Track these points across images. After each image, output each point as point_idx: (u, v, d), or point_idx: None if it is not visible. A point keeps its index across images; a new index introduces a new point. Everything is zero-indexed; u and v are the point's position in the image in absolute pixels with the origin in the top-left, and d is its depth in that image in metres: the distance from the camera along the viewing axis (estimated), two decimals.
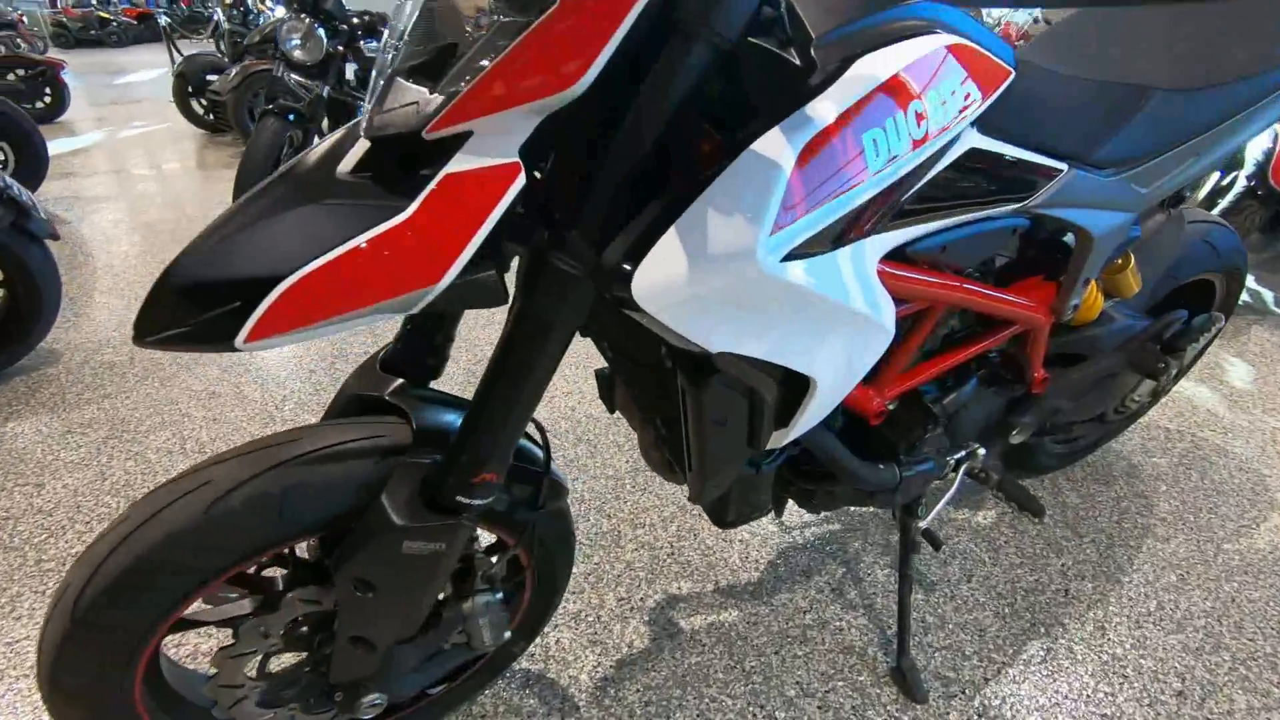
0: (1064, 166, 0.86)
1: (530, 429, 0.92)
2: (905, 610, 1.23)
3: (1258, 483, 1.73)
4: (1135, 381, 1.36)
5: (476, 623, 0.93)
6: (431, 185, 0.54)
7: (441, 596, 0.92)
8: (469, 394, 1.92)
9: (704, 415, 0.71)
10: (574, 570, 1.44)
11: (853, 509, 1.61)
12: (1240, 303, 2.64)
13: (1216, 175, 2.58)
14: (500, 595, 0.93)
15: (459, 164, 0.54)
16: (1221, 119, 0.95)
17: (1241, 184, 2.46)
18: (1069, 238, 1.02)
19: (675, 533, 1.54)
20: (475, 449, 0.69)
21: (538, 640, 1.29)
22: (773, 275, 0.58)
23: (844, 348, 0.68)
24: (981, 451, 1.16)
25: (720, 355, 0.63)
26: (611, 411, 1.12)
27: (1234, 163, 2.56)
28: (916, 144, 0.63)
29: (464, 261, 0.55)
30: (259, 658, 0.85)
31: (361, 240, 0.53)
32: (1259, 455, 1.82)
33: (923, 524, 1.15)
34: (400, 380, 0.87)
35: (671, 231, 0.55)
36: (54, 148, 4.97)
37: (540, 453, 0.90)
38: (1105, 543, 1.53)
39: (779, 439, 0.77)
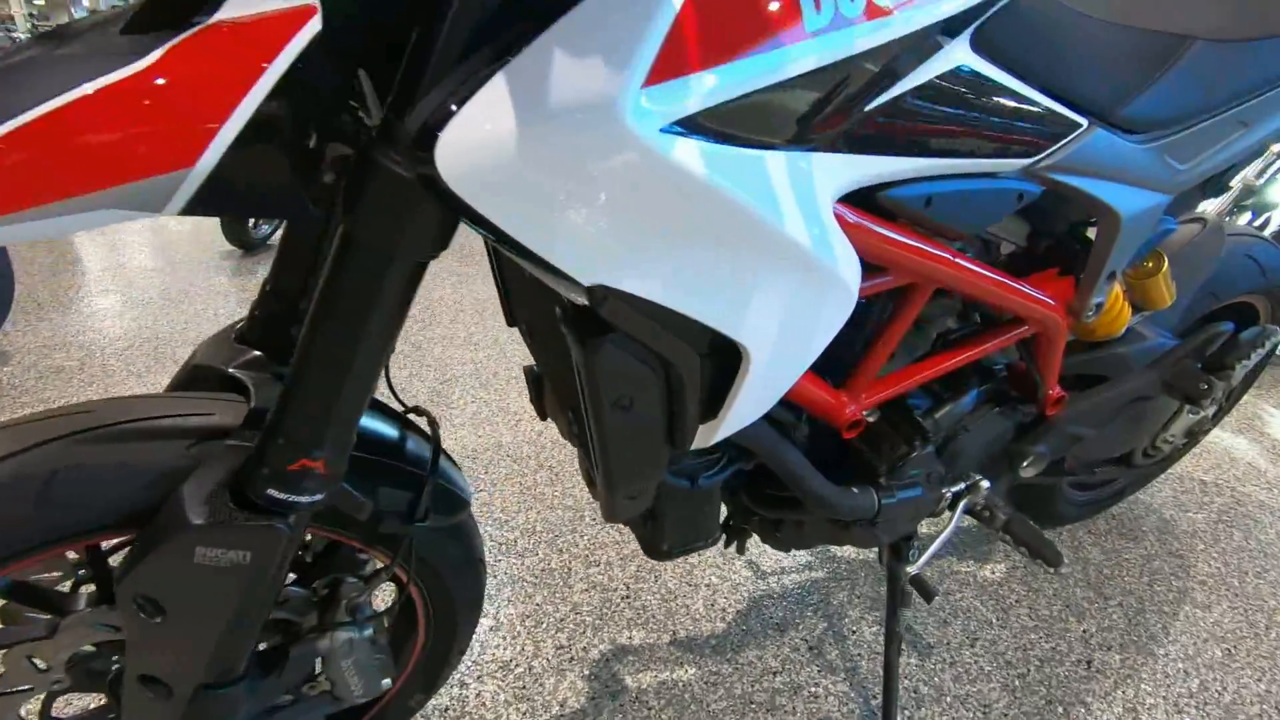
0: (1083, 121, 0.69)
1: (423, 423, 0.75)
2: (892, 676, 1.02)
3: None
4: (1170, 413, 1.17)
5: (339, 666, 0.74)
6: (189, 32, 0.39)
7: (297, 629, 0.74)
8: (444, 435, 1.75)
9: (600, 394, 0.53)
10: (511, 612, 1.24)
11: (838, 553, 1.40)
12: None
13: (1248, 217, 2.41)
14: (368, 632, 0.74)
15: (235, 8, 0.39)
16: (1278, 78, 0.79)
17: (1277, 222, 2.28)
18: (1091, 231, 0.85)
19: (634, 573, 1.34)
20: (290, 427, 0.52)
21: (453, 692, 1.09)
22: (648, 145, 0.41)
23: (785, 303, 0.50)
24: (985, 484, 0.96)
25: (602, 297, 0.46)
26: (543, 418, 0.94)
27: (1264, 203, 2.39)
28: (875, 11, 0.47)
29: (228, 137, 0.39)
30: (40, 699, 0.67)
31: (75, 94, 0.37)
32: None
33: (912, 570, 0.95)
34: (256, 353, 0.71)
35: (499, 77, 0.38)
36: None
37: (426, 450, 0.72)
38: (1135, 607, 1.31)
39: (707, 435, 0.59)
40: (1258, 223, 2.40)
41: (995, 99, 0.61)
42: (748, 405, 0.57)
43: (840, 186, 0.52)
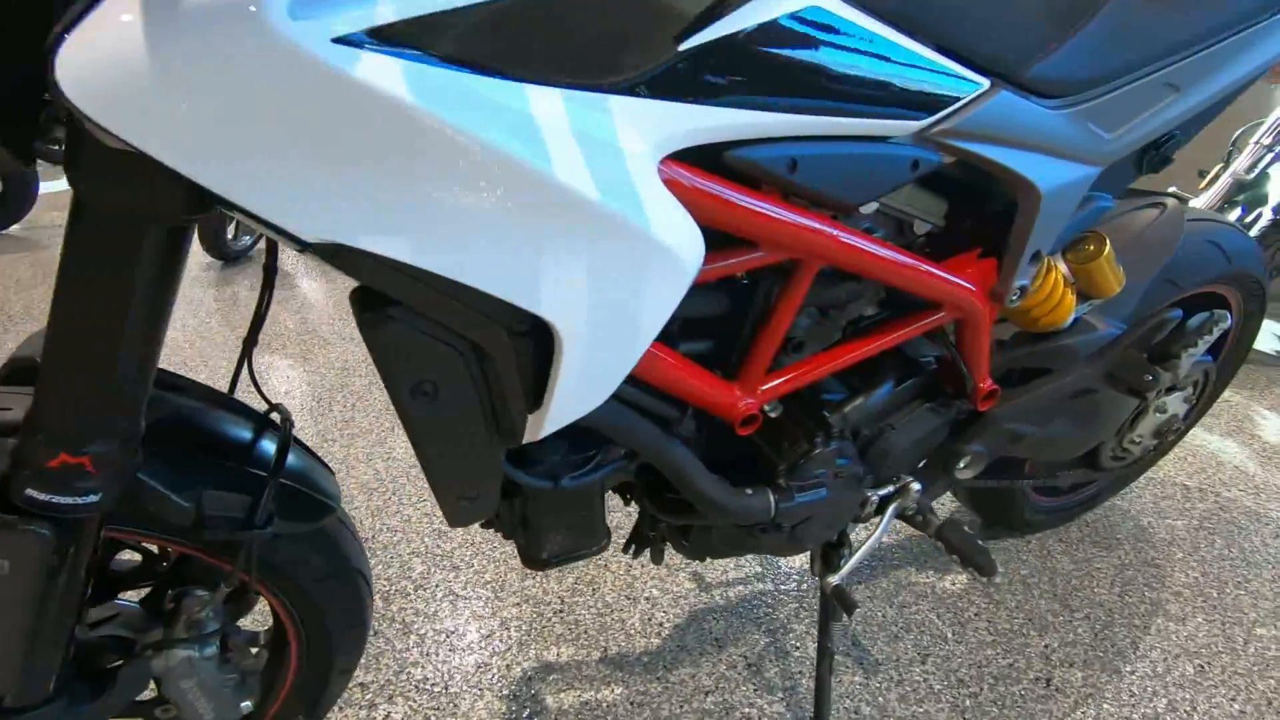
0: (983, 81, 0.63)
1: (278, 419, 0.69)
2: (824, 695, 0.94)
3: None
4: (1130, 411, 1.09)
5: (179, 687, 0.68)
6: None
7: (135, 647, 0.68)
8: (393, 445, 1.70)
9: (393, 379, 0.47)
10: (436, 627, 1.18)
11: (786, 563, 1.32)
12: (1275, 352, 2.34)
13: (1238, 213, 2.32)
14: (211, 650, 0.68)
15: None
16: (1211, 35, 0.72)
17: (1268, 217, 2.19)
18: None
19: (571, 585, 1.27)
20: (47, 419, 0.46)
21: (360, 714, 1.02)
22: (313, 59, 0.34)
23: (591, 274, 0.44)
24: (915, 487, 0.89)
25: (334, 254, 0.39)
26: None
27: (1258, 197, 2.30)
28: None
29: None
30: None
31: None
32: None
33: (834, 579, 0.88)
34: None
35: None
36: (50, 186, 5.02)
37: (270, 447, 0.66)
38: (1103, 620, 1.22)
39: (536, 427, 0.52)
40: (1249, 218, 2.31)
41: (862, 50, 0.54)
42: (575, 393, 0.50)
43: (662, 140, 0.46)
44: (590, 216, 0.42)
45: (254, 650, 0.78)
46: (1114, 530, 1.45)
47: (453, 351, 0.47)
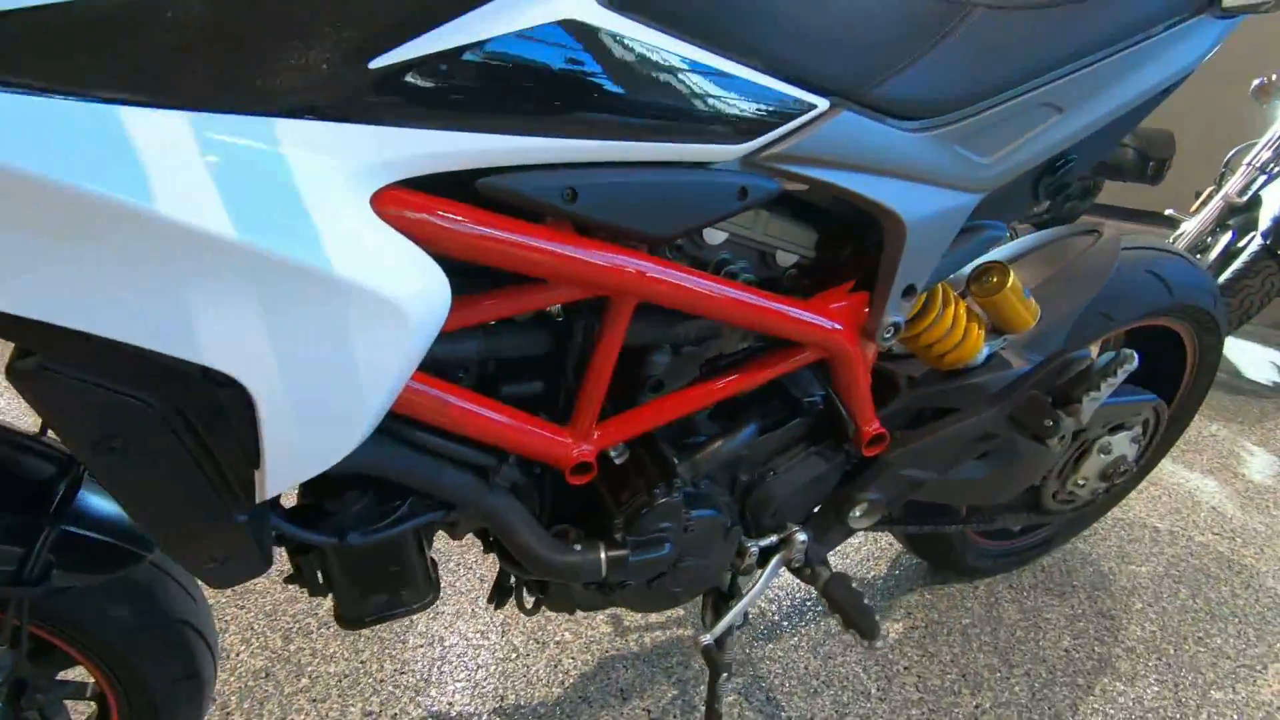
0: (820, 101, 0.57)
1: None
2: None
3: (1271, 606, 1.30)
4: (1064, 453, 1.01)
5: None
6: None
7: None
8: None
9: (71, 432, 0.42)
10: (330, 670, 1.12)
11: None
12: (1271, 383, 2.22)
13: (1229, 236, 2.22)
14: None
15: None
16: (1092, 52, 0.66)
17: (1257, 243, 2.08)
18: None
19: (480, 628, 1.21)
20: None
21: None
22: None
23: (267, 324, 0.38)
24: (801, 538, 0.82)
25: None
26: None
27: (1249, 221, 2.20)
28: None
29: None
30: None
31: None
32: (1276, 570, 1.40)
33: (705, 639, 0.80)
34: None
35: None
36: None
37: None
38: (1044, 678, 1.13)
39: (264, 485, 0.47)
40: (1240, 243, 2.20)
41: (651, 70, 0.49)
42: (296, 452, 0.45)
43: (370, 169, 0.41)
44: (244, 259, 0.36)
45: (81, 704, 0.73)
46: (1071, 576, 1.36)
47: (139, 404, 0.42)
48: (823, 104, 0.58)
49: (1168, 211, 2.63)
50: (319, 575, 0.63)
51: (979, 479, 0.94)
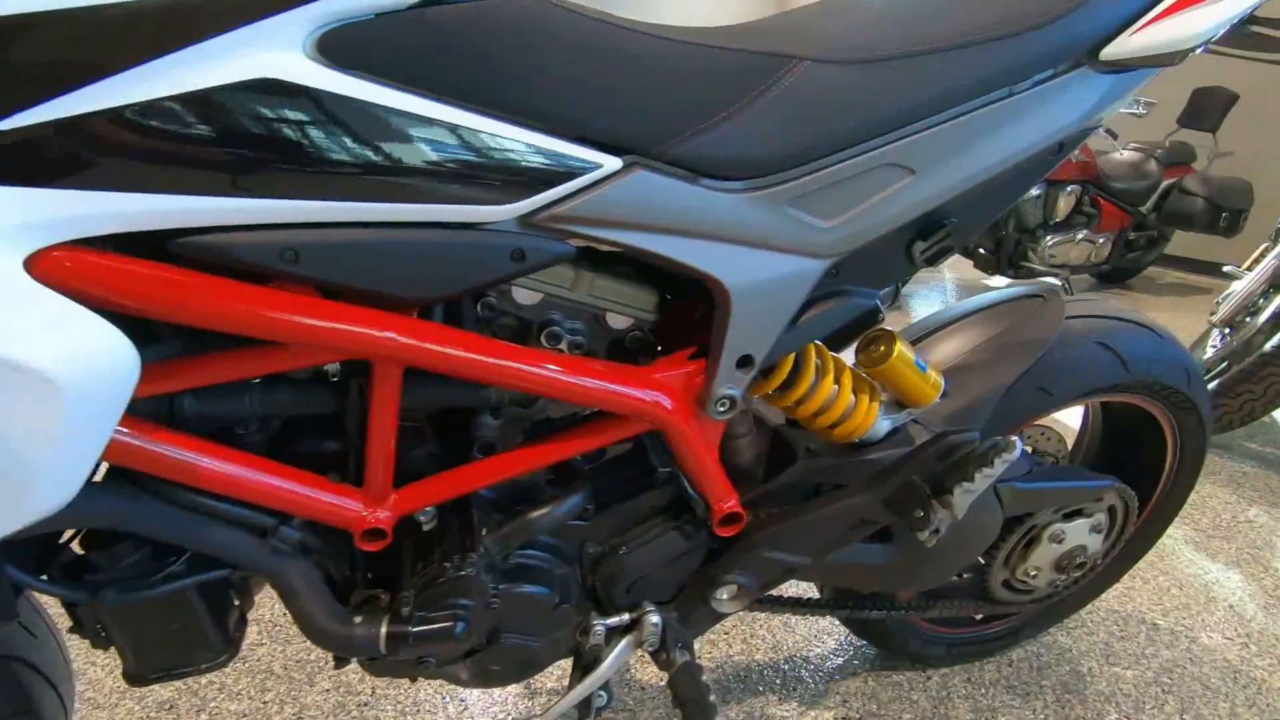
0: (608, 160, 0.53)
1: None
2: None
3: None
4: (979, 536, 0.90)
5: None
6: None
7: None
8: None
9: None
10: (231, 708, 1.11)
11: (629, 670, 1.18)
12: None
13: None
14: None
15: None
16: (942, 108, 0.59)
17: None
18: None
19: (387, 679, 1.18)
20: None
21: None
22: None
23: None
24: (654, 620, 0.76)
25: None
26: None
27: None
28: None
29: None
30: None
31: None
32: None
33: None
34: None
35: None
36: None
37: None
38: None
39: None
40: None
41: (367, 125, 0.46)
42: None
43: (19, 230, 0.39)
44: None
45: None
46: (1041, 674, 1.22)
47: None
48: (612, 163, 0.54)
49: (1226, 268, 2.42)
50: (99, 628, 0.62)
51: (885, 564, 0.85)
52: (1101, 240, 3.78)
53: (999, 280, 4.13)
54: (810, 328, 0.67)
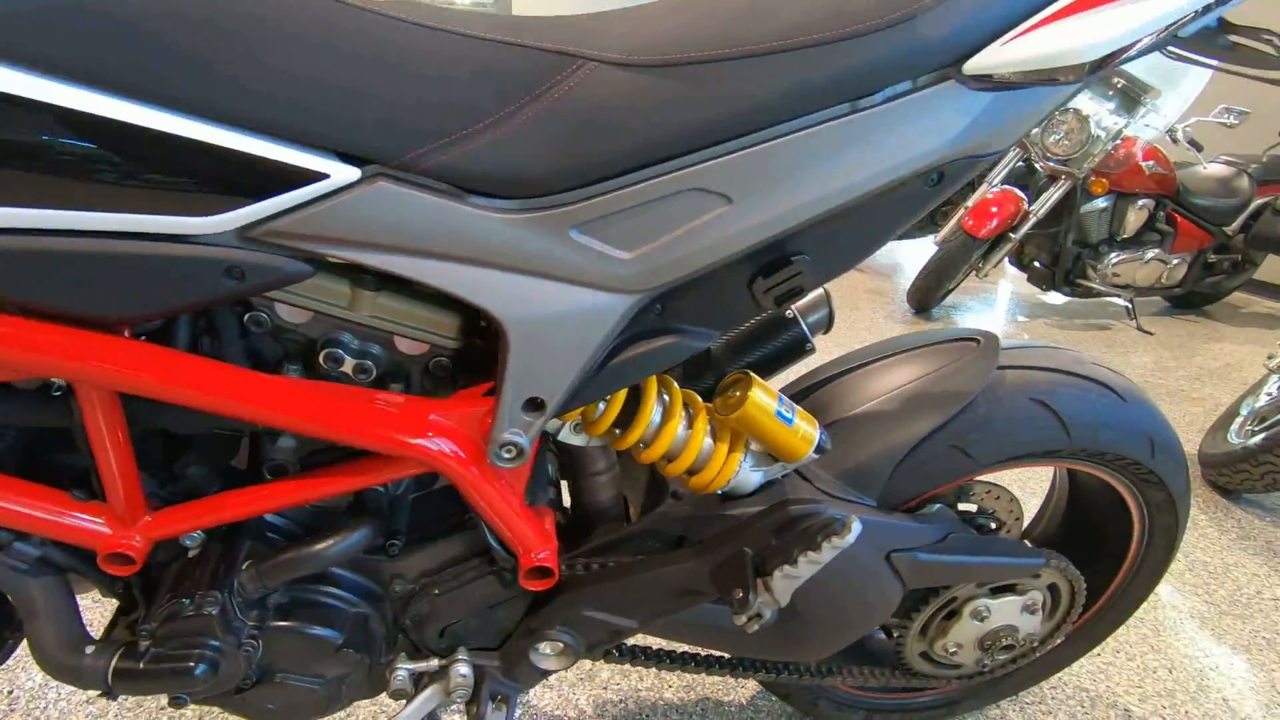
0: (342, 170, 0.46)
1: None
2: None
3: None
4: (869, 612, 0.79)
5: None
6: None
7: None
8: None
9: None
10: None
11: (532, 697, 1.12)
12: None
13: None
14: None
15: None
16: (762, 126, 0.49)
17: None
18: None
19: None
20: None
21: None
22: None
23: None
24: (462, 670, 0.69)
25: None
26: None
27: None
28: None
29: None
30: None
31: None
32: None
33: None
34: None
35: None
36: None
37: None
38: None
39: None
40: None
41: (26, 122, 0.40)
42: None
43: None
44: None
45: None
46: None
47: None
48: (346, 172, 0.47)
49: None
50: None
51: (738, 629, 0.75)
52: (1175, 261, 3.45)
53: (1054, 297, 3.84)
54: (627, 369, 0.58)
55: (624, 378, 0.59)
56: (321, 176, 0.46)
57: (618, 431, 0.66)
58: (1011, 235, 3.18)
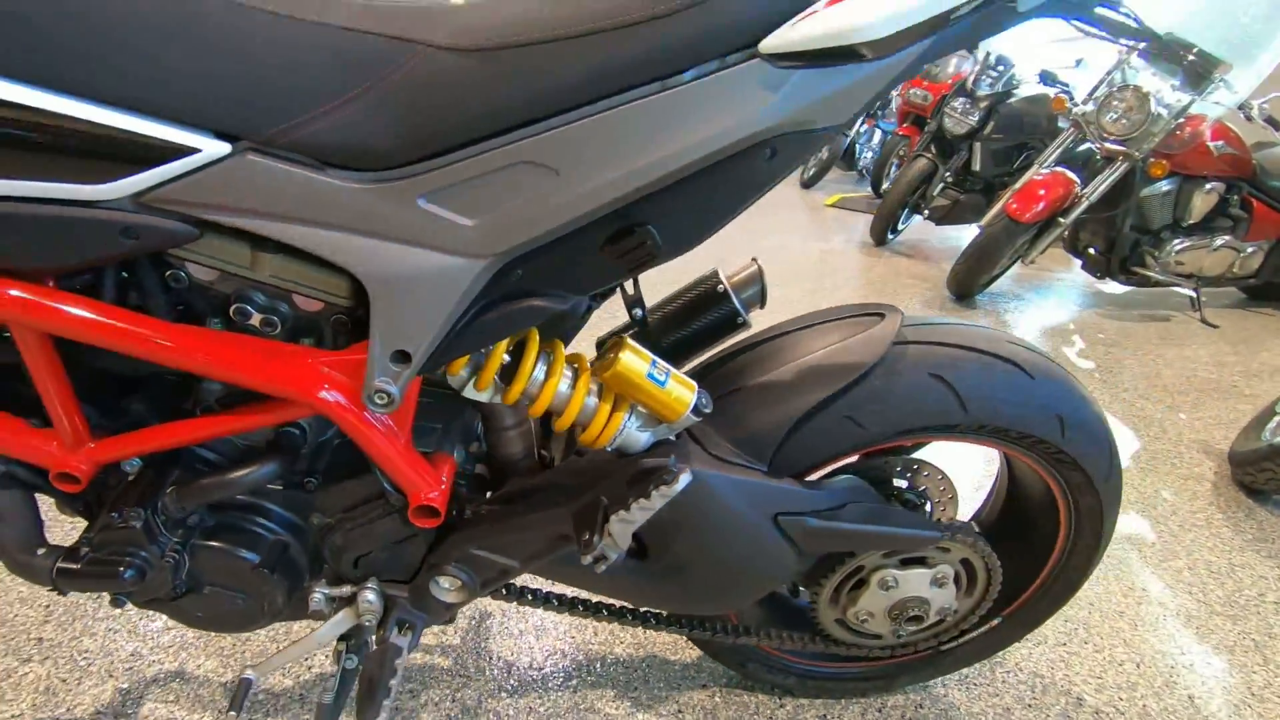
0: (211, 144, 0.54)
1: None
2: None
3: None
4: (760, 562, 0.82)
5: None
6: None
7: None
8: None
9: None
10: None
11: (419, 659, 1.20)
12: None
13: None
14: None
15: None
16: (580, 103, 0.53)
17: None
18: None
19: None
20: None
21: None
22: None
23: None
24: (370, 596, 0.77)
25: None
26: None
27: None
28: None
29: None
30: None
31: None
32: None
33: (249, 672, 0.79)
34: None
35: None
36: None
37: None
38: None
39: None
40: None
41: None
42: None
43: None
44: None
45: None
46: None
47: None
48: (217, 146, 0.54)
49: None
50: None
51: (633, 579, 0.81)
52: (1251, 250, 3.22)
53: (1113, 286, 3.64)
54: (493, 326, 0.64)
55: (491, 334, 0.65)
56: (195, 151, 0.54)
57: (496, 386, 0.72)
58: (1061, 220, 3.04)
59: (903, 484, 0.94)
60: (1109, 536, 0.94)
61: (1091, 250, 3.33)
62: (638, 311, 0.86)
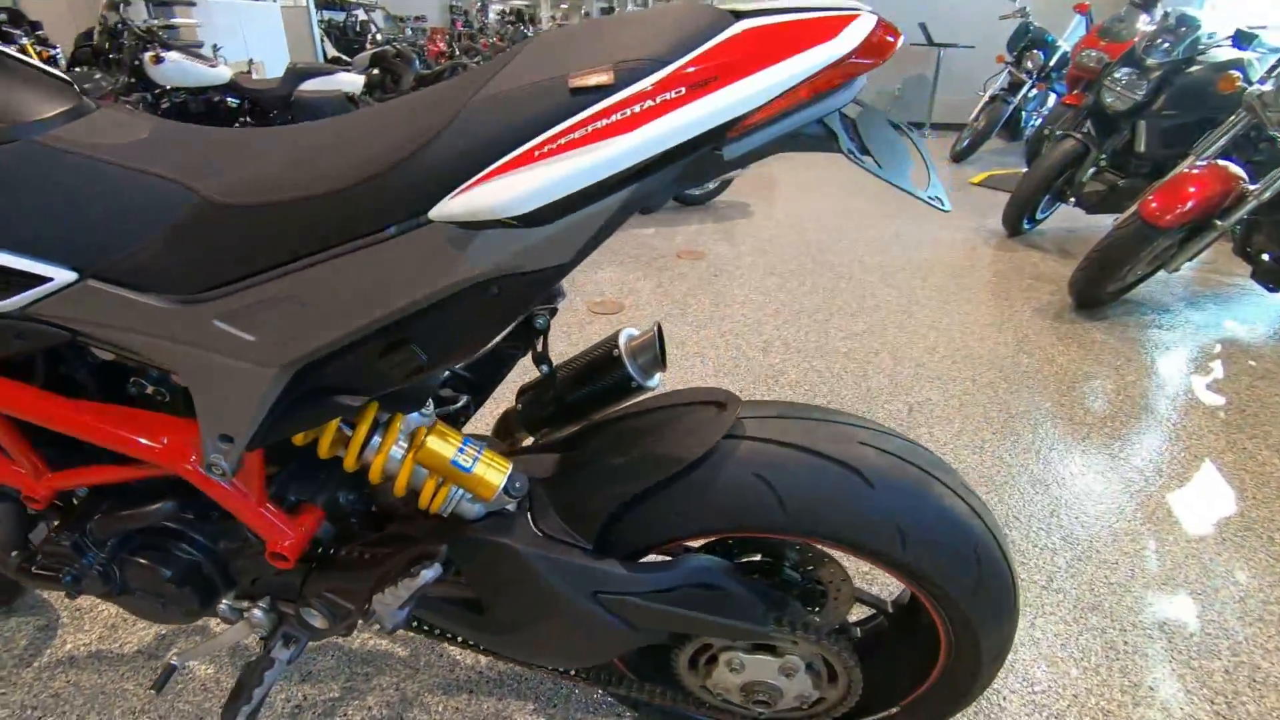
0: (61, 273, 0.68)
1: None
2: None
3: None
4: (589, 642, 0.86)
5: None
6: None
7: None
8: None
9: None
10: None
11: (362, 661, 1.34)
12: None
13: None
14: None
15: None
16: (323, 242, 0.61)
17: None
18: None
19: None
20: None
21: None
22: None
23: None
24: (258, 615, 0.92)
25: None
26: None
27: None
28: None
29: None
30: None
31: None
32: None
33: (173, 657, 0.97)
34: None
35: None
36: None
37: None
38: None
39: None
40: None
41: None
42: None
43: None
44: None
45: None
46: None
47: None
48: (66, 275, 0.68)
49: None
50: None
51: (475, 629, 0.89)
52: None
53: None
54: (301, 417, 0.74)
55: (303, 422, 0.75)
56: (47, 280, 0.68)
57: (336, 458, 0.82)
58: (1218, 222, 2.58)
59: (795, 575, 0.93)
60: (998, 650, 0.87)
61: (1266, 256, 2.80)
62: (544, 369, 0.93)
